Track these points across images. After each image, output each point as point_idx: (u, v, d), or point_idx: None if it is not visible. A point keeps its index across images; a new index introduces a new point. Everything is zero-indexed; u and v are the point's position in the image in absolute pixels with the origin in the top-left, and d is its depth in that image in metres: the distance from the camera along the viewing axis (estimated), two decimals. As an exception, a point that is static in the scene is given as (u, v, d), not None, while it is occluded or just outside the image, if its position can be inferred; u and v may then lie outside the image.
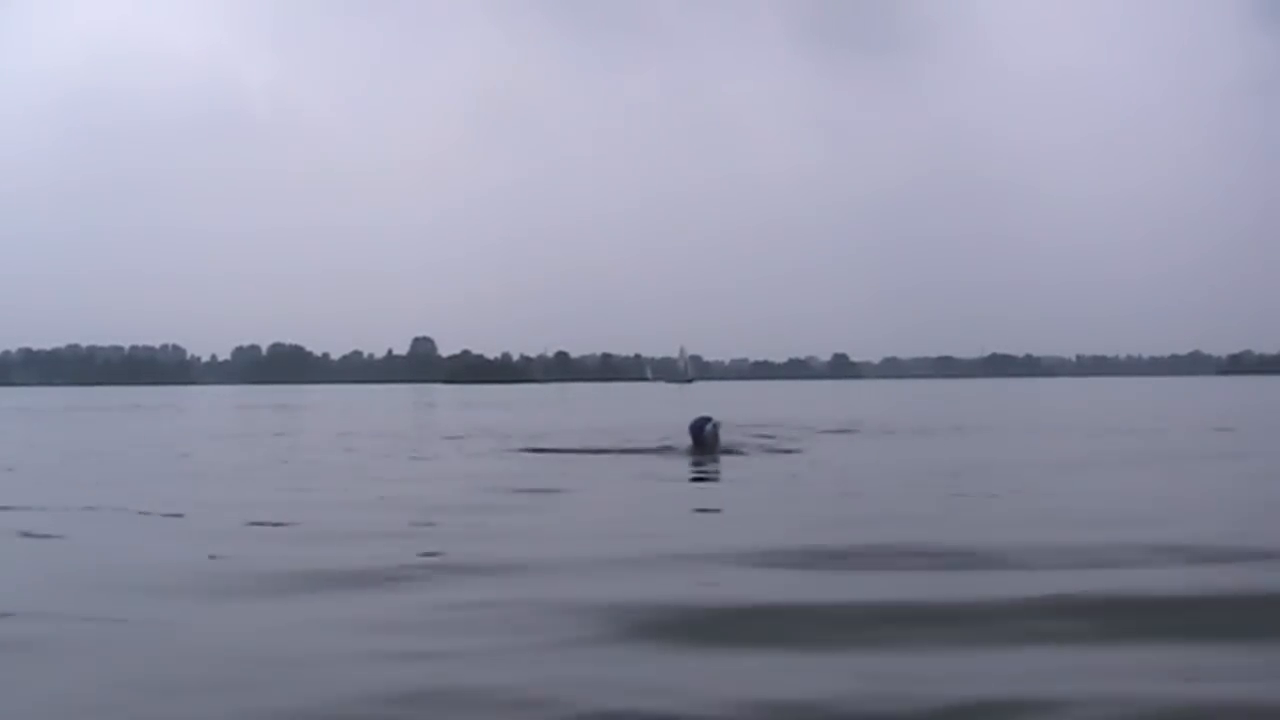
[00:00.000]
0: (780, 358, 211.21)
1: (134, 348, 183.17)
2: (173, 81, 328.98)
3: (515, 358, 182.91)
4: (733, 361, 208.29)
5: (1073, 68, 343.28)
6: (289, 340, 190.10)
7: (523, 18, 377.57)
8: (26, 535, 7.33)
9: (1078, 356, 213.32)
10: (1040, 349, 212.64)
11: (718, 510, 9.06)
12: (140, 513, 8.56)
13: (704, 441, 13.36)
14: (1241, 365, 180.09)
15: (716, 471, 12.12)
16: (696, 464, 12.64)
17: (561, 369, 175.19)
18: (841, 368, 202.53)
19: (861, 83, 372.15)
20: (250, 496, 9.97)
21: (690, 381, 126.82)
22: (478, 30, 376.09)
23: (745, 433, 16.15)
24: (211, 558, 6.28)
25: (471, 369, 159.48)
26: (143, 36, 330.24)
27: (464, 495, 10.03)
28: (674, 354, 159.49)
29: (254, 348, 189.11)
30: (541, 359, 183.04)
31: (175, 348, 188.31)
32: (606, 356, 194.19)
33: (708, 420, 13.63)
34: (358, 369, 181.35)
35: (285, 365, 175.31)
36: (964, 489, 10.32)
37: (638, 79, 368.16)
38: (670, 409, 30.84)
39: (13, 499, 9.47)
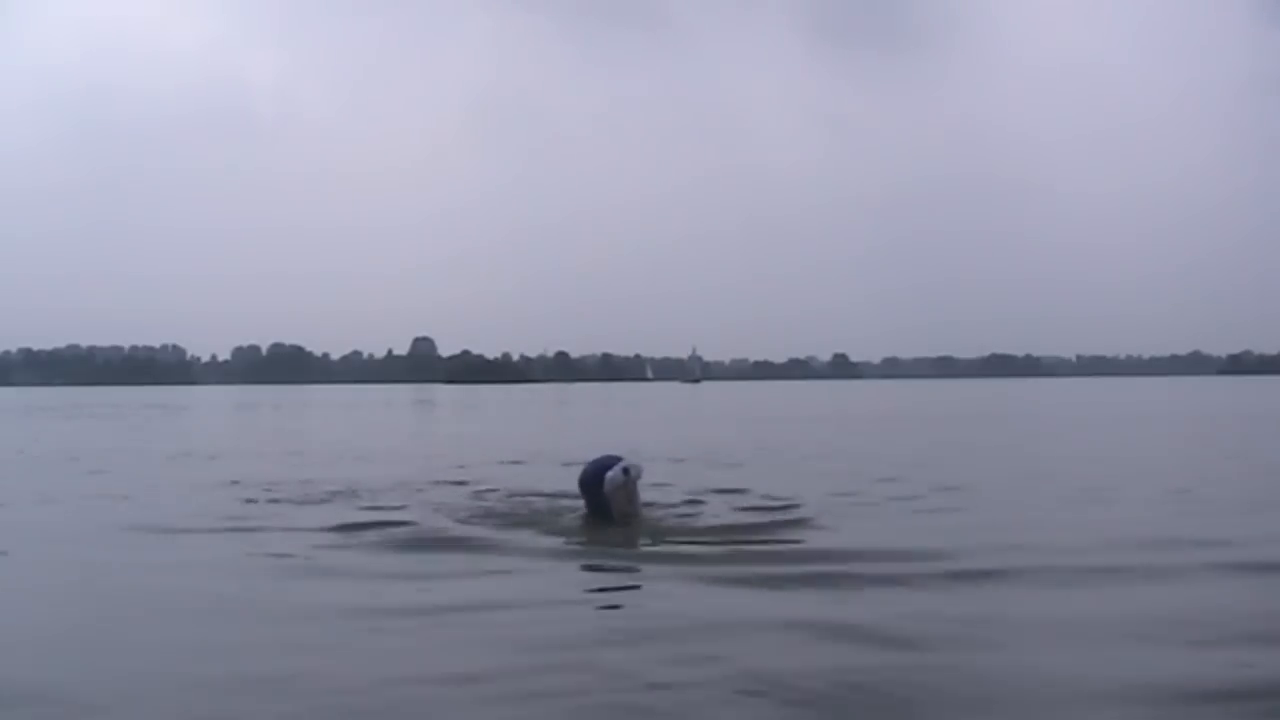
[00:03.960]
0: (780, 358, 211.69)
1: (134, 348, 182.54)
2: (172, 79, 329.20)
3: (515, 358, 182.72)
4: (733, 361, 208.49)
5: (1078, 66, 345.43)
6: (289, 340, 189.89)
7: (525, 14, 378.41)
8: None
9: (1078, 356, 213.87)
10: (1040, 349, 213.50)
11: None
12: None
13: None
14: (1241, 365, 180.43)
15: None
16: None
17: (561, 369, 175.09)
18: (842, 367, 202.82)
19: (865, 80, 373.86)
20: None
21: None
22: (478, 27, 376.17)
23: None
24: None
25: (471, 369, 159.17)
26: (142, 33, 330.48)
27: None
28: (674, 353, 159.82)
29: (254, 348, 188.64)
30: (541, 359, 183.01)
31: (175, 348, 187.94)
32: (606, 356, 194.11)
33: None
34: (358, 369, 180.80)
35: (285, 365, 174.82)
36: None
37: (639, 76, 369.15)
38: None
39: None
